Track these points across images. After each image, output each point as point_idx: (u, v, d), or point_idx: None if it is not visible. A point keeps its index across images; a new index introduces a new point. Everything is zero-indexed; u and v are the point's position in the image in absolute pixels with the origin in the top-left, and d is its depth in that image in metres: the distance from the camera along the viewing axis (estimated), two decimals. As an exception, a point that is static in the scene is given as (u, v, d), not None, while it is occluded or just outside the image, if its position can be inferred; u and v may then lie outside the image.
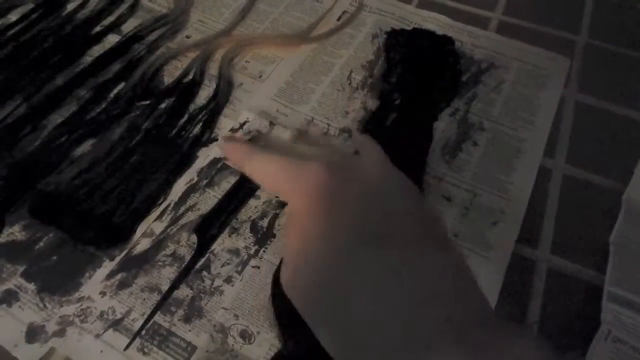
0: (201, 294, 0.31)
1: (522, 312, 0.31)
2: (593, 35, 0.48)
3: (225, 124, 0.40)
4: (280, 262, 0.32)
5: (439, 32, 0.46)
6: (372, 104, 0.41)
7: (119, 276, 0.31)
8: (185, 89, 0.42)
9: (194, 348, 0.29)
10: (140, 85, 0.42)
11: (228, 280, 0.31)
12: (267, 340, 0.29)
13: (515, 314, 0.31)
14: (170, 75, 0.43)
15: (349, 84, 0.43)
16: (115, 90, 0.42)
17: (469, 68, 0.44)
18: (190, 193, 0.35)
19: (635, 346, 0.27)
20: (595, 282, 0.32)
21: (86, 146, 0.38)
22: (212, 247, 0.33)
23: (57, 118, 0.40)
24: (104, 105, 0.41)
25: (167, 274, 0.32)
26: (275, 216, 0.34)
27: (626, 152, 0.38)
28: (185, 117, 0.40)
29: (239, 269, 0.32)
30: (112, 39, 0.46)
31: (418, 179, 0.37)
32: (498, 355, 0.14)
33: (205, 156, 0.38)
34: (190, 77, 0.43)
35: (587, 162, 0.38)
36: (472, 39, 0.47)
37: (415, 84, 0.43)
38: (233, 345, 0.29)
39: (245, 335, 0.29)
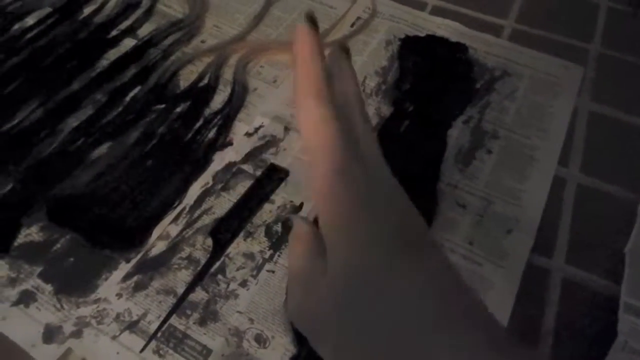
0: (216, 298, 0.31)
1: (537, 322, 0.31)
2: (606, 44, 0.48)
3: (239, 128, 0.40)
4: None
5: (452, 39, 0.47)
6: (386, 110, 0.42)
7: (135, 278, 0.32)
8: (201, 93, 0.43)
9: (209, 351, 0.29)
10: (155, 90, 0.43)
11: (243, 284, 0.32)
12: (282, 345, 0.29)
13: (529, 324, 0.31)
14: (185, 79, 0.44)
15: (363, 90, 0.43)
16: (131, 94, 0.42)
17: (482, 76, 0.45)
18: (206, 197, 0.36)
19: (653, 357, 0.27)
20: (611, 292, 0.32)
21: (102, 150, 0.39)
22: (227, 251, 0.33)
23: (73, 122, 0.40)
24: (119, 110, 0.41)
25: (182, 277, 0.32)
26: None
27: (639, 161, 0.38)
28: (201, 121, 0.41)
29: (254, 273, 0.32)
30: (128, 43, 0.46)
31: (431, 186, 0.37)
32: None
33: (220, 160, 0.38)
34: (205, 81, 0.44)
35: (601, 172, 0.38)
36: (486, 46, 0.47)
37: (428, 91, 0.43)
38: (248, 349, 0.29)
39: (260, 340, 0.29)
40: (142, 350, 0.29)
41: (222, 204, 0.35)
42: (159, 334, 0.30)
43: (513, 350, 0.15)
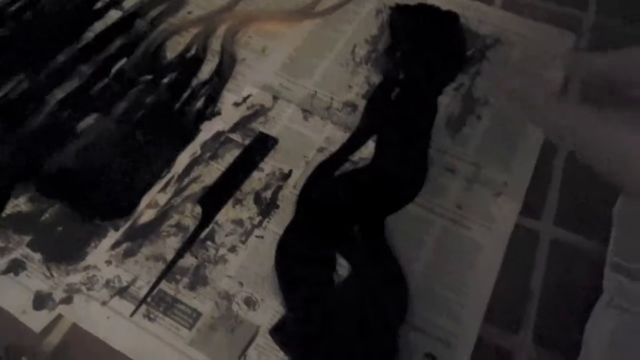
0: (206, 263, 0.31)
1: (525, 283, 0.31)
2: (600, 13, 0.47)
3: (228, 98, 0.40)
4: (284, 232, 0.32)
5: (444, 7, 0.46)
6: (376, 78, 0.41)
7: (124, 246, 0.32)
8: (188, 64, 0.42)
9: (199, 314, 0.29)
10: (142, 61, 0.42)
11: (232, 249, 0.32)
12: (272, 307, 0.29)
13: (517, 285, 0.31)
14: (172, 50, 0.43)
15: (353, 58, 0.43)
16: (118, 66, 0.42)
17: (473, 44, 0.44)
18: (194, 165, 0.36)
19: (638, 312, 0.28)
20: (598, 253, 0.32)
21: (89, 121, 0.38)
22: (216, 218, 0.33)
23: (59, 94, 0.40)
24: (106, 81, 0.41)
25: (171, 244, 0.32)
26: (279, 188, 0.35)
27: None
28: (188, 91, 0.40)
29: (243, 238, 0.32)
30: (114, 15, 0.46)
31: (422, 152, 0.37)
32: None
33: (208, 130, 0.38)
34: (192, 52, 0.43)
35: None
36: (478, 14, 0.46)
37: (419, 59, 0.43)
38: (238, 311, 0.29)
39: (250, 302, 0.30)
40: (132, 315, 0.29)
41: (211, 173, 0.35)
42: (149, 299, 0.30)
43: None
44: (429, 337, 0.29)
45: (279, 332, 0.28)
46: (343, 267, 0.31)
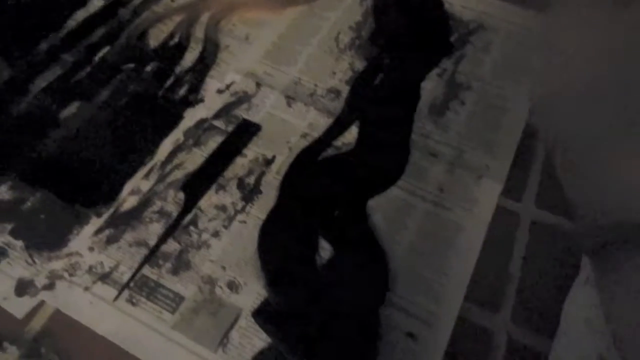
0: (189, 248, 0.31)
1: (505, 264, 0.31)
2: (582, -4, 0.47)
3: (211, 85, 0.40)
4: (267, 217, 0.32)
5: (427, -7, 0.46)
6: (360, 65, 0.41)
7: (106, 232, 0.32)
8: (171, 51, 0.42)
9: (182, 299, 0.29)
10: (125, 49, 0.42)
11: (215, 234, 0.32)
12: (254, 290, 0.30)
13: (498, 266, 0.31)
14: (155, 38, 0.43)
15: (337, 45, 0.43)
16: (100, 54, 0.42)
17: (457, 29, 0.44)
18: (177, 152, 0.36)
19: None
20: (577, 234, 0.32)
21: (72, 109, 0.38)
22: (199, 204, 0.33)
23: (42, 82, 0.40)
24: (89, 70, 0.41)
25: (154, 230, 0.32)
26: (262, 174, 0.35)
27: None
28: (172, 79, 0.40)
29: (226, 223, 0.32)
30: (97, 3, 0.45)
31: (404, 137, 0.37)
32: None
33: (191, 117, 0.38)
34: (176, 40, 0.43)
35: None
36: (461, 0, 0.46)
37: (403, 45, 0.43)
38: (221, 295, 0.29)
39: (233, 286, 0.30)
40: (115, 300, 0.29)
41: (194, 159, 0.35)
42: (132, 284, 0.30)
43: None
44: (410, 316, 0.29)
45: (261, 314, 0.28)
46: (325, 250, 0.31)
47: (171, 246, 0.31)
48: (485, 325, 0.29)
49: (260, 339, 0.28)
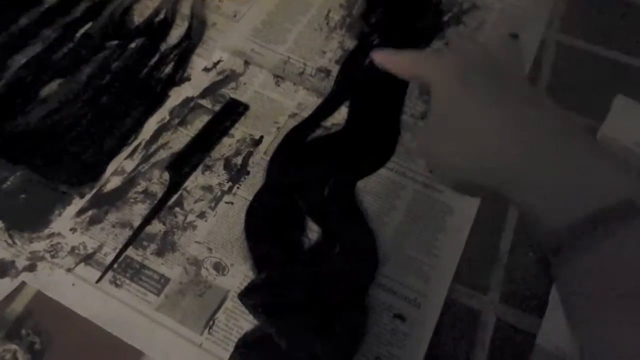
0: (174, 229, 0.31)
1: (494, 245, 0.31)
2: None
3: (197, 63, 0.39)
4: (254, 197, 0.32)
5: (420, -29, 0.45)
6: (350, 44, 0.40)
7: (89, 213, 0.31)
8: (157, 28, 0.41)
9: (167, 280, 0.29)
10: (109, 25, 0.41)
11: (201, 215, 0.31)
12: (241, 272, 0.29)
13: (486, 247, 0.31)
14: (140, 15, 0.41)
15: (327, 23, 0.42)
16: (83, 30, 0.40)
17: (450, 8, 0.43)
18: (162, 132, 0.35)
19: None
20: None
21: (54, 86, 0.37)
22: (185, 185, 0.32)
23: (21, 59, 0.38)
24: (70, 46, 0.39)
25: (139, 211, 0.31)
26: (250, 154, 0.34)
27: (603, 91, 0.38)
28: (157, 56, 0.39)
29: (213, 205, 0.32)
30: (79, -23, 0.43)
31: (395, 118, 0.36)
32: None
33: (177, 95, 0.37)
34: (161, 16, 0.41)
35: (565, 100, 0.38)
36: (454, -22, 0.45)
37: (395, 24, 0.42)
38: (207, 277, 0.29)
39: (219, 268, 0.29)
40: (98, 281, 0.29)
41: (180, 139, 0.34)
42: (116, 265, 0.29)
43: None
44: (399, 298, 0.29)
45: (248, 295, 0.28)
46: (313, 232, 0.31)
47: (156, 227, 0.31)
48: (473, 306, 0.29)
49: (246, 321, 0.28)
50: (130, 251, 0.30)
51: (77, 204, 0.31)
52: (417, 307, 0.29)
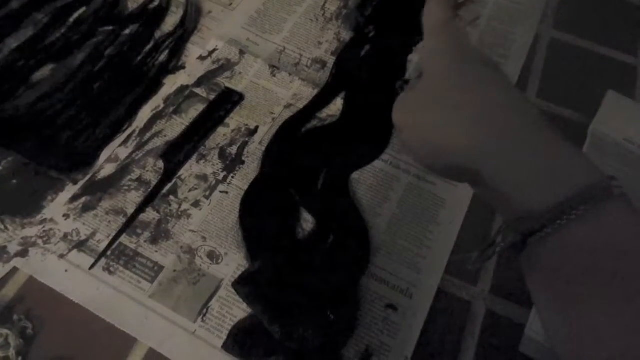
0: (168, 217, 0.31)
1: (485, 233, 0.32)
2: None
3: (193, 51, 0.38)
4: (249, 187, 0.32)
5: (417, -37, 0.45)
6: (346, 35, 0.40)
7: (83, 199, 0.31)
8: (151, 15, 0.40)
9: (161, 268, 0.29)
10: (102, 11, 0.40)
11: (196, 204, 0.31)
12: (235, 261, 0.29)
13: (478, 235, 0.32)
14: (134, 0, 0.41)
15: (323, 14, 0.42)
16: (76, 15, 0.40)
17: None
18: (157, 120, 0.34)
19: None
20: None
21: (45, 71, 0.36)
22: (180, 173, 0.32)
23: (12, 43, 0.38)
24: (63, 31, 0.39)
25: (132, 198, 0.31)
26: (245, 144, 0.34)
27: (594, 87, 0.39)
28: (151, 44, 0.39)
29: (207, 193, 0.32)
30: (71, -39, 0.43)
31: (388, 110, 0.36)
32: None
33: (172, 83, 0.36)
34: (156, 3, 0.41)
35: (557, 96, 0.39)
36: (451, -28, 0.45)
37: (390, 17, 0.42)
38: (201, 265, 0.29)
39: (213, 256, 0.29)
40: (91, 268, 0.29)
41: (174, 127, 0.34)
42: (109, 252, 0.29)
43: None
44: (391, 288, 0.29)
45: (242, 284, 0.28)
46: (307, 222, 0.31)
47: (150, 215, 0.31)
48: (464, 297, 0.30)
49: (240, 309, 0.28)
50: (123, 238, 0.30)
51: (71, 190, 0.31)
52: (409, 298, 0.29)
